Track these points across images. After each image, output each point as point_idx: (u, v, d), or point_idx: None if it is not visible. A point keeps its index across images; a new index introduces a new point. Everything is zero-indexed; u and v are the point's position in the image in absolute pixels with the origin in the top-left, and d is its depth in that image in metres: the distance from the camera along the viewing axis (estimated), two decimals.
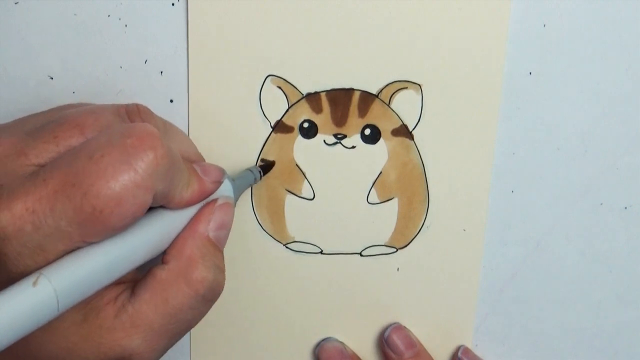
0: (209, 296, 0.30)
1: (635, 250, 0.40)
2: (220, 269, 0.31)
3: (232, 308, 0.39)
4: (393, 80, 0.36)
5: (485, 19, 0.36)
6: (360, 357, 0.40)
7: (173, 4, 0.35)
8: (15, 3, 0.35)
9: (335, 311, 0.40)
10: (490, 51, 0.36)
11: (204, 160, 0.35)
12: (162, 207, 0.30)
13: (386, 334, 0.39)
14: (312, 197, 0.38)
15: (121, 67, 0.36)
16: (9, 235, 0.25)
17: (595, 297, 0.40)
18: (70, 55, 0.36)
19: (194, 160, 0.33)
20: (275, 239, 0.38)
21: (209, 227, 0.31)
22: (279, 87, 0.36)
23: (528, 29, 0.36)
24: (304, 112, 0.37)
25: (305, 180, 0.38)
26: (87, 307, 0.28)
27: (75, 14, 0.35)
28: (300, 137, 0.37)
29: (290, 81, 0.36)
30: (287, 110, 0.37)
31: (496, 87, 0.37)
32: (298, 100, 0.37)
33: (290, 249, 0.39)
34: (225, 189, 0.33)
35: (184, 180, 0.30)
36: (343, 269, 0.39)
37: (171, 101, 0.37)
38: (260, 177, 0.37)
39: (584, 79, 0.37)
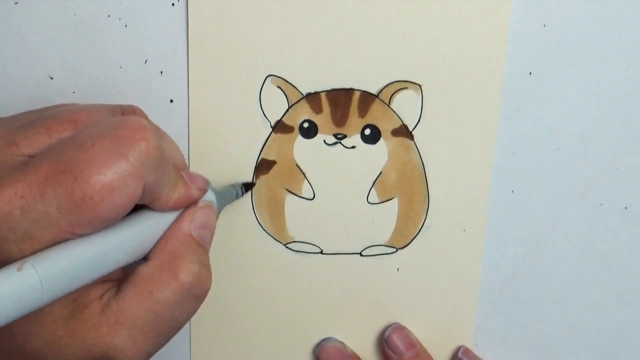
0: (196, 291, 0.30)
1: (635, 250, 0.40)
2: (205, 265, 0.31)
3: (232, 308, 0.39)
4: (393, 81, 0.36)
5: (485, 19, 0.36)
6: (360, 357, 0.40)
7: (173, 4, 0.35)
8: (15, 3, 0.35)
9: (335, 311, 0.40)
10: (490, 51, 0.36)
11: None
12: (148, 208, 0.30)
13: (386, 334, 0.39)
14: (312, 197, 0.38)
15: (121, 67, 0.36)
16: None
17: (595, 297, 0.40)
18: (70, 55, 0.36)
19: (180, 169, 0.33)
20: (275, 239, 0.38)
21: (191, 225, 0.31)
22: (279, 87, 0.36)
23: (528, 29, 0.36)
24: (304, 112, 0.37)
25: (305, 180, 0.38)
26: (74, 303, 0.28)
27: (75, 14, 0.35)
28: (300, 137, 0.37)
29: (290, 81, 0.36)
30: (287, 110, 0.37)
31: (496, 87, 0.37)
32: (298, 100, 0.37)
33: (290, 249, 0.39)
34: (209, 199, 0.33)
35: (172, 181, 0.30)
36: (343, 269, 0.39)
37: (171, 101, 0.36)
38: (242, 193, 0.37)
39: (584, 79, 0.37)
